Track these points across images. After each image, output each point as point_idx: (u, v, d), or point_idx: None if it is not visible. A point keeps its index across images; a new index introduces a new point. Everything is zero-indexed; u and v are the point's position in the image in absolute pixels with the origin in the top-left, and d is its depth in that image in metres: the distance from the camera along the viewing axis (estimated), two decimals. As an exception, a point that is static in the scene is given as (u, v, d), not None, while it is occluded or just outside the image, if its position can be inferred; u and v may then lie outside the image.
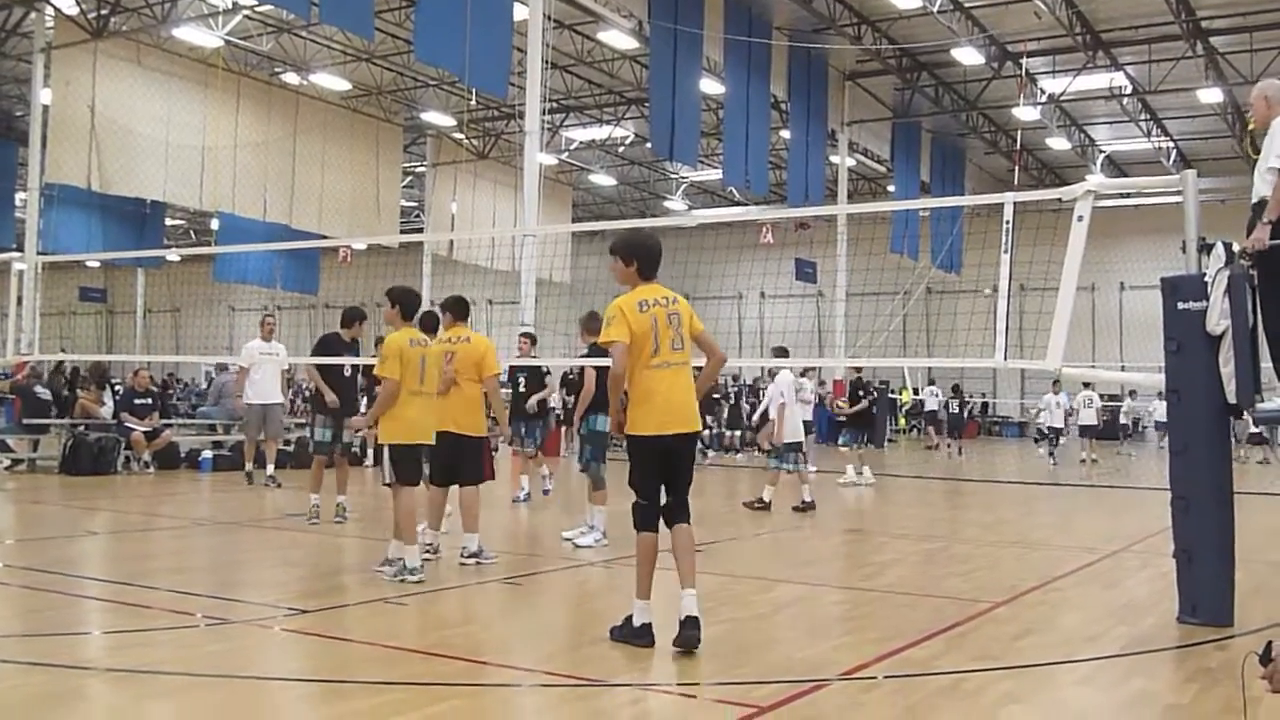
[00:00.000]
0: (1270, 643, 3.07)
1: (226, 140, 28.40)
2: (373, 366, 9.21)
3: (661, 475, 6.19)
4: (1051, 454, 25.32)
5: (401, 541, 8.10)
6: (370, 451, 19.52)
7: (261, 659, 5.94)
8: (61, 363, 27.71)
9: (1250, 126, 7.23)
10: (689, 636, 5.86)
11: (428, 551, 8.80)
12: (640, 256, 6.34)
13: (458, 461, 8.79)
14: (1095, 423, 26.23)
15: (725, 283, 42.54)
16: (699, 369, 6.58)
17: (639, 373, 6.15)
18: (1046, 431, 26.55)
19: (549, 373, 14.72)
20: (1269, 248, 6.80)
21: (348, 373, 12.11)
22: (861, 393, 19.32)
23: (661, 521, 6.18)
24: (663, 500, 6.19)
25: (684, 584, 6.03)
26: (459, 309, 9.34)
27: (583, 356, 11.17)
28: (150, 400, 17.52)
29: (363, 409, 12.80)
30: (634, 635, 6.02)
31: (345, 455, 12.21)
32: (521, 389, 13.79)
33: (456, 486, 8.98)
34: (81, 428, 17.29)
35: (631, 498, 6.26)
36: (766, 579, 8.25)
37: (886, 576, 9.09)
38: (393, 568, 8.09)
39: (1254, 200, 7.03)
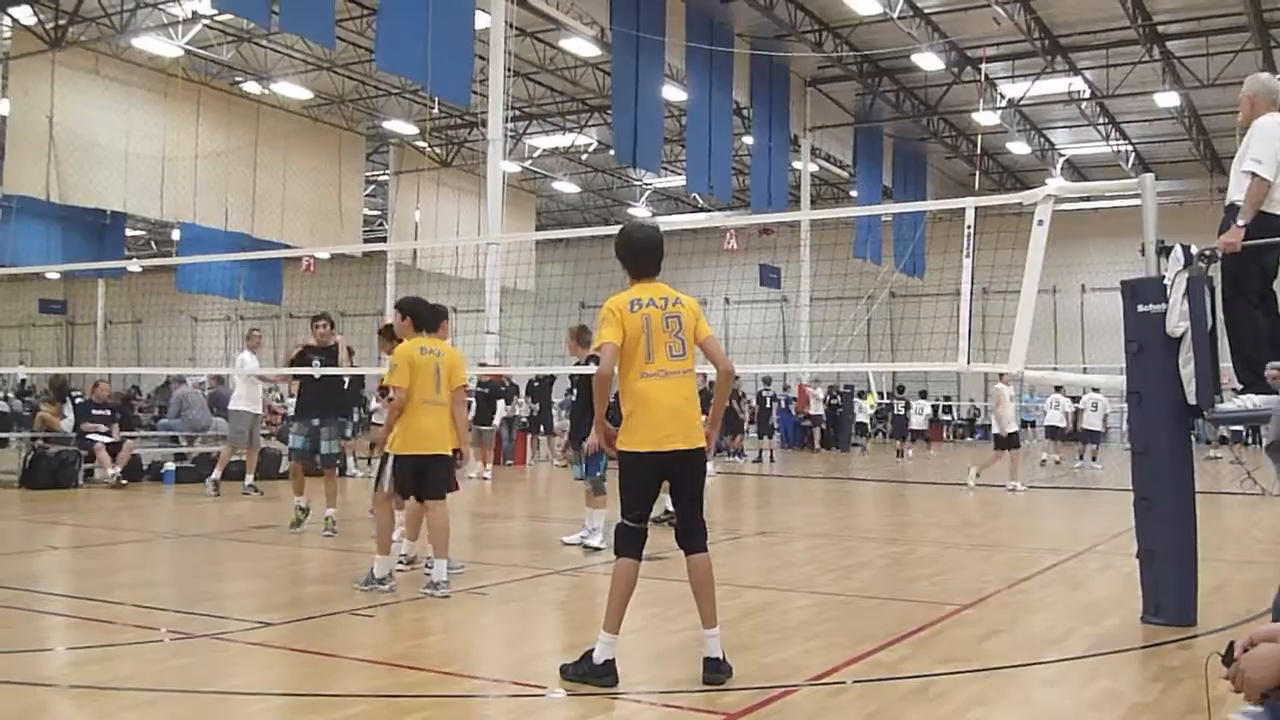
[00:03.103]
0: (1233, 643, 3.09)
1: (187, 150, 28.22)
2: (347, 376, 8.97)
3: (655, 497, 5.63)
4: (1095, 458, 25.52)
5: (380, 556, 8.03)
6: (352, 461, 19.46)
7: (226, 672, 5.88)
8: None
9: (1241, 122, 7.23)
10: (713, 679, 5.42)
11: (402, 562, 8.75)
12: (627, 253, 5.82)
13: (421, 477, 8.11)
14: (1064, 425, 26.47)
15: (690, 289, 41.43)
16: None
17: (632, 382, 5.54)
18: (1084, 435, 26.10)
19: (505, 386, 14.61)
20: (1233, 251, 6.85)
21: (317, 376, 11.74)
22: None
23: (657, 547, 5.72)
24: (645, 523, 5.59)
25: (705, 624, 5.52)
26: (425, 318, 8.48)
27: (578, 365, 11.08)
28: (110, 412, 17.36)
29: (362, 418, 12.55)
30: (594, 674, 5.36)
31: (332, 467, 11.83)
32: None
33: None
34: (41, 441, 17.12)
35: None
36: (734, 585, 8.25)
37: (854, 580, 9.12)
38: (363, 577, 8.03)
39: (1227, 202, 7.08)
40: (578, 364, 11.10)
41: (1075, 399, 26.40)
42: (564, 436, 12.19)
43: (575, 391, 11.28)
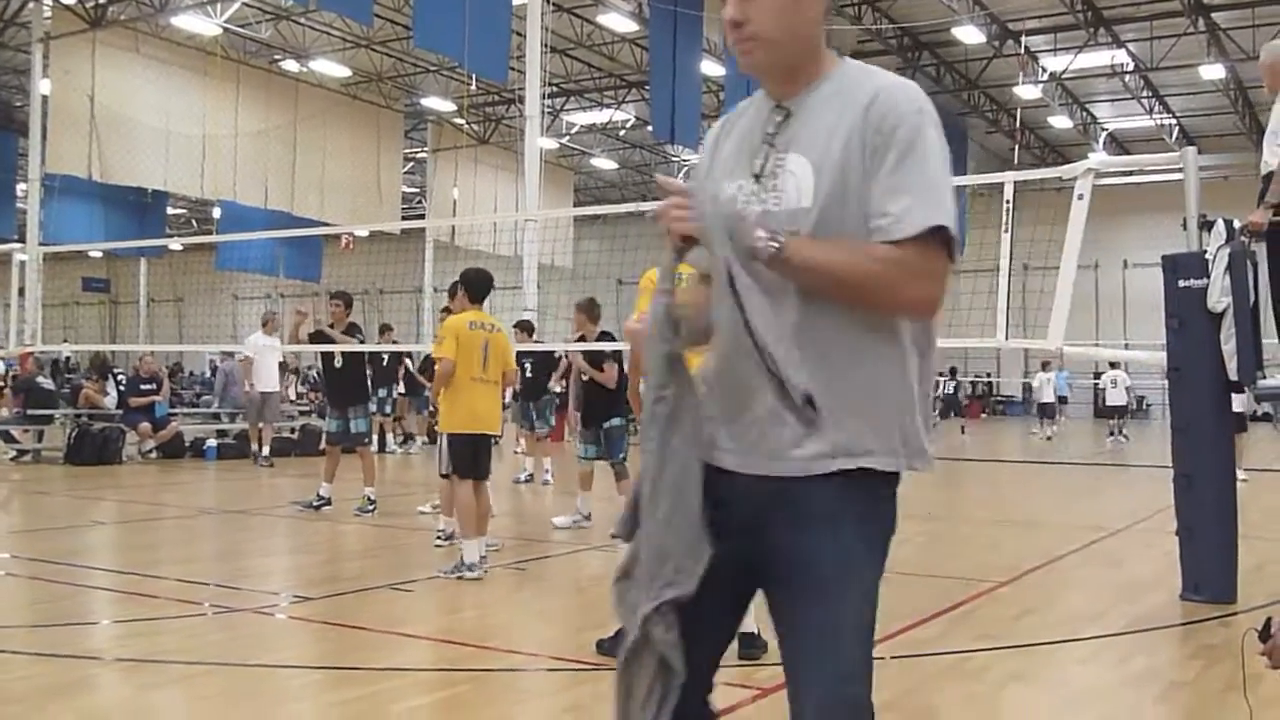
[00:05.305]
0: (1270, 619, 3.08)
1: (227, 128, 28.33)
2: (366, 355, 8.82)
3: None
4: (1124, 432, 26.50)
5: (466, 539, 7.68)
6: (389, 439, 19.59)
7: (268, 646, 5.96)
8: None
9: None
10: (747, 654, 5.38)
11: (440, 537, 8.80)
12: None
13: (477, 460, 8.04)
14: (1125, 402, 26.68)
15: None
16: None
17: None
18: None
19: (561, 356, 14.60)
20: (1259, 230, 6.78)
21: (338, 363, 11.62)
22: None
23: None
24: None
25: None
26: (477, 287, 8.37)
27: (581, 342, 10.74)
28: (155, 385, 17.55)
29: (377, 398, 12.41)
30: None
31: (364, 444, 11.71)
32: (528, 374, 13.70)
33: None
34: (85, 418, 17.33)
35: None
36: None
37: (891, 556, 9.08)
38: (450, 564, 7.68)
39: (1263, 172, 7.00)
40: (580, 339, 10.65)
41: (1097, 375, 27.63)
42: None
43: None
